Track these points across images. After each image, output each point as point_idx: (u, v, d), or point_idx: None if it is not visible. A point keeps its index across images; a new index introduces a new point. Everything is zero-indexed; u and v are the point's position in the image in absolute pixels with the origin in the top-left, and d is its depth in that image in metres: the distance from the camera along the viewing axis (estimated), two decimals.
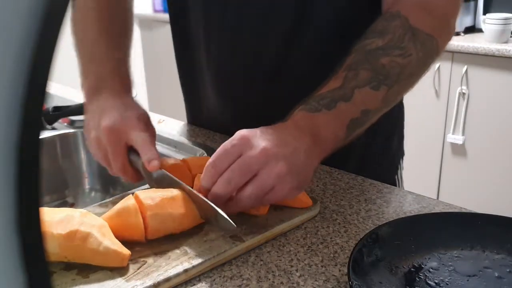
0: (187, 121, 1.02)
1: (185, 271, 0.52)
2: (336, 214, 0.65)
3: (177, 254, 0.54)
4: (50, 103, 1.02)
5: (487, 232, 0.56)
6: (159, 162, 0.62)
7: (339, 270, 0.54)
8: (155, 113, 1.11)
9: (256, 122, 0.82)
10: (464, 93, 2.06)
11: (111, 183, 0.99)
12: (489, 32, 2.01)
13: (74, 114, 0.98)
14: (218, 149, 0.57)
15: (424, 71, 0.68)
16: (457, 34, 2.15)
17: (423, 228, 0.56)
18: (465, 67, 2.03)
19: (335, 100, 0.61)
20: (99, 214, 0.57)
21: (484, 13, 2.16)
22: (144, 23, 3.24)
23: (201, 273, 0.53)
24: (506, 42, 1.99)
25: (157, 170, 0.63)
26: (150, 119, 0.70)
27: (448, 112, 2.12)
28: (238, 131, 0.58)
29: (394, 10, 0.66)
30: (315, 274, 0.53)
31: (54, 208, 0.54)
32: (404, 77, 0.64)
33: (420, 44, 0.65)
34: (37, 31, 0.16)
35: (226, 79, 0.84)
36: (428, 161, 2.22)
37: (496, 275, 0.51)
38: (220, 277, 0.53)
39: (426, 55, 0.66)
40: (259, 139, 0.56)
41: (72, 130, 0.99)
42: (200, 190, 0.58)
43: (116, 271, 0.51)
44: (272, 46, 0.78)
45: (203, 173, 0.57)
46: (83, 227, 0.51)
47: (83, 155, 1.00)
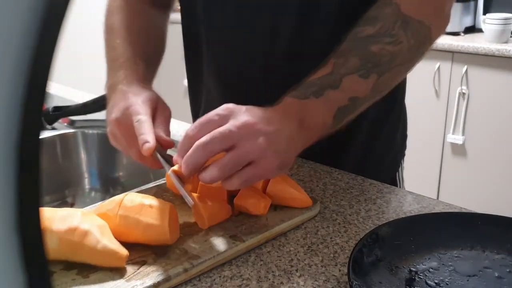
0: (193, 120, 1.01)
1: (185, 271, 0.52)
2: (336, 214, 0.65)
3: (177, 254, 0.54)
4: (50, 103, 1.02)
5: (487, 232, 0.56)
6: (153, 144, 0.59)
7: (339, 270, 0.54)
8: None
9: None
10: (464, 93, 2.06)
11: (111, 183, 0.99)
12: (489, 32, 2.01)
13: (74, 114, 0.98)
14: (201, 118, 0.55)
15: (417, 58, 0.68)
16: (457, 34, 2.15)
17: (423, 228, 0.56)
18: (465, 67, 2.03)
19: (324, 87, 0.61)
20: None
21: (484, 13, 2.16)
22: None
23: (201, 273, 0.53)
24: (506, 42, 1.99)
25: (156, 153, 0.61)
26: (161, 101, 0.68)
27: (448, 112, 2.12)
28: (224, 104, 0.57)
29: None
30: (315, 274, 0.53)
31: (55, 208, 0.54)
32: (395, 65, 0.64)
33: (411, 32, 0.64)
34: (37, 31, 0.16)
35: (226, 79, 0.84)
36: (428, 161, 2.22)
37: (496, 275, 0.51)
38: (220, 277, 0.53)
39: (418, 43, 0.66)
40: (244, 113, 0.56)
41: (72, 130, 0.99)
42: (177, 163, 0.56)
43: (116, 271, 0.51)
44: (275, 45, 0.77)
45: (180, 140, 0.55)
46: (83, 225, 0.51)
47: (83, 155, 1.00)
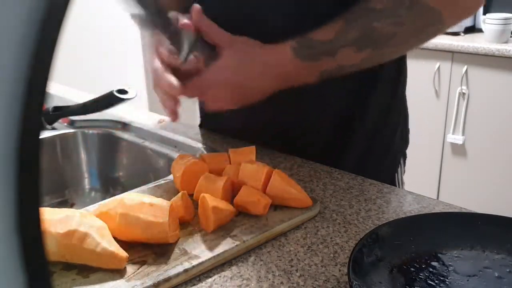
0: (199, 124, 1.00)
1: (185, 271, 0.52)
2: (336, 214, 0.65)
3: (177, 254, 0.54)
4: (50, 103, 1.02)
5: (487, 232, 0.56)
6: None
7: (339, 270, 0.54)
8: (155, 113, 1.11)
9: (263, 126, 0.83)
10: (464, 93, 2.06)
11: (111, 183, 0.99)
12: (489, 32, 2.01)
13: (74, 114, 0.98)
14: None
15: (422, 41, 0.69)
16: (457, 34, 2.15)
17: (423, 228, 0.56)
18: (465, 67, 2.03)
19: (322, 53, 0.64)
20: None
21: (484, 13, 2.16)
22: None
23: (201, 273, 0.53)
24: (506, 42, 1.99)
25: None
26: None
27: (448, 112, 2.12)
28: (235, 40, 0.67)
29: None
30: (315, 274, 0.53)
31: (54, 208, 0.54)
32: (393, 44, 0.66)
33: (417, 14, 0.64)
34: (37, 31, 0.16)
35: None
36: (428, 161, 2.22)
37: (496, 275, 0.51)
38: (220, 277, 0.53)
39: (424, 25, 0.66)
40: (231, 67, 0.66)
41: (72, 130, 0.99)
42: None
43: (116, 271, 0.51)
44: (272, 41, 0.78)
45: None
46: (82, 227, 0.51)
47: (83, 155, 1.00)
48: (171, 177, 0.72)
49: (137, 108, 1.12)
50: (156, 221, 0.54)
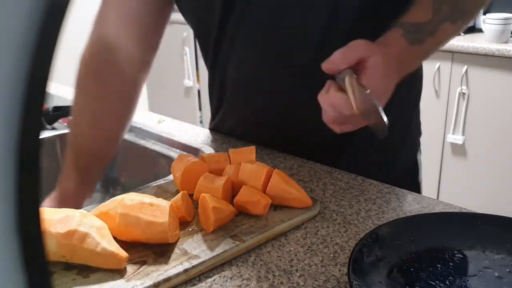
0: (209, 127, 0.99)
1: (185, 271, 0.52)
2: (336, 214, 0.65)
3: (177, 254, 0.54)
4: (50, 103, 1.02)
5: (487, 232, 0.56)
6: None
7: (339, 270, 0.54)
8: (155, 113, 1.11)
9: (275, 130, 0.82)
10: (464, 93, 2.06)
11: (111, 183, 0.99)
12: (489, 32, 2.01)
13: None
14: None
15: (476, 13, 0.72)
16: None
17: (423, 228, 0.56)
18: (465, 67, 2.03)
19: (426, 34, 0.64)
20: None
21: (484, 13, 2.16)
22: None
23: (201, 273, 0.53)
24: (506, 42, 1.99)
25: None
26: None
27: (448, 112, 2.12)
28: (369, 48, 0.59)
29: None
30: (315, 274, 0.53)
31: (54, 208, 0.54)
32: (474, 11, 0.69)
33: None
34: (37, 31, 0.16)
35: (247, 87, 0.82)
36: (428, 161, 2.22)
37: (496, 275, 0.51)
38: (220, 277, 0.53)
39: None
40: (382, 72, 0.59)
41: None
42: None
43: (116, 271, 0.51)
44: (301, 50, 0.75)
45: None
46: (82, 227, 0.51)
47: None
48: (171, 177, 0.72)
49: (137, 108, 1.12)
50: (156, 221, 0.54)
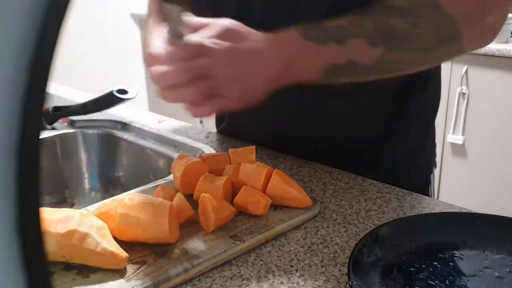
0: (216, 129, 0.99)
1: (185, 271, 0.52)
2: (336, 214, 0.65)
3: (177, 254, 0.54)
4: (50, 103, 1.02)
5: (487, 232, 0.56)
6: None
7: (339, 270, 0.54)
8: (155, 113, 1.11)
9: (283, 136, 0.80)
10: (464, 93, 2.06)
11: (111, 183, 0.99)
12: None
13: (74, 114, 0.98)
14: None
15: (437, 54, 0.64)
16: None
17: (423, 228, 0.56)
18: (465, 67, 2.03)
19: (330, 37, 0.59)
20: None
21: None
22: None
23: (201, 273, 0.53)
24: (506, 42, 1.99)
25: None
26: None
27: (448, 112, 2.12)
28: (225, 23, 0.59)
29: None
30: (315, 274, 0.53)
31: (55, 208, 0.54)
32: (408, 46, 0.61)
33: (436, 22, 0.60)
34: (37, 31, 0.16)
35: None
36: None
37: (496, 275, 0.51)
38: (220, 277, 0.53)
39: (441, 37, 0.61)
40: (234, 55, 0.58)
41: (72, 130, 0.99)
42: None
43: (116, 271, 0.51)
44: None
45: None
46: (82, 227, 0.51)
47: (83, 155, 1.00)
48: (171, 177, 0.72)
49: (137, 108, 1.12)
50: (156, 221, 0.54)
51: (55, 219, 0.51)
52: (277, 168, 0.67)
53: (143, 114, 1.08)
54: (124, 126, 1.00)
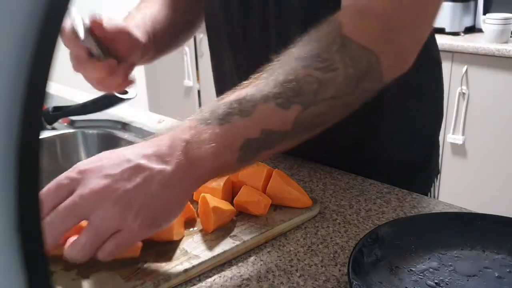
0: None
1: (185, 271, 0.52)
2: (336, 214, 0.65)
3: (177, 254, 0.54)
4: (50, 103, 1.02)
5: (487, 232, 0.56)
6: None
7: (339, 270, 0.54)
8: (155, 113, 1.11)
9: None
10: (464, 93, 2.06)
11: None
12: (489, 32, 2.01)
13: (74, 114, 0.98)
14: (52, 181, 0.48)
15: (359, 94, 0.54)
16: (457, 34, 2.15)
17: (423, 228, 0.56)
18: (465, 67, 2.03)
19: (232, 113, 0.49)
20: None
21: (484, 13, 2.16)
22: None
23: (201, 273, 0.53)
24: (506, 42, 1.99)
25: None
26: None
27: (448, 112, 2.12)
28: (79, 163, 0.49)
29: (336, 14, 0.55)
30: (315, 274, 0.53)
31: None
32: (324, 97, 0.51)
33: (350, 58, 0.52)
34: (37, 31, 0.16)
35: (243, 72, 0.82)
36: None
37: (496, 275, 0.51)
38: (220, 277, 0.53)
39: (360, 73, 0.53)
40: (96, 176, 0.47)
41: (72, 130, 0.99)
42: None
43: (116, 271, 0.51)
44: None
45: None
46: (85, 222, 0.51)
47: (83, 155, 1.00)
48: None
49: (137, 108, 1.12)
50: None
51: None
52: (277, 168, 0.67)
53: (143, 114, 1.09)
54: (124, 126, 1.00)
